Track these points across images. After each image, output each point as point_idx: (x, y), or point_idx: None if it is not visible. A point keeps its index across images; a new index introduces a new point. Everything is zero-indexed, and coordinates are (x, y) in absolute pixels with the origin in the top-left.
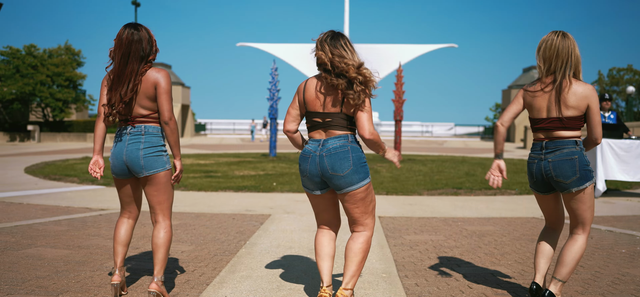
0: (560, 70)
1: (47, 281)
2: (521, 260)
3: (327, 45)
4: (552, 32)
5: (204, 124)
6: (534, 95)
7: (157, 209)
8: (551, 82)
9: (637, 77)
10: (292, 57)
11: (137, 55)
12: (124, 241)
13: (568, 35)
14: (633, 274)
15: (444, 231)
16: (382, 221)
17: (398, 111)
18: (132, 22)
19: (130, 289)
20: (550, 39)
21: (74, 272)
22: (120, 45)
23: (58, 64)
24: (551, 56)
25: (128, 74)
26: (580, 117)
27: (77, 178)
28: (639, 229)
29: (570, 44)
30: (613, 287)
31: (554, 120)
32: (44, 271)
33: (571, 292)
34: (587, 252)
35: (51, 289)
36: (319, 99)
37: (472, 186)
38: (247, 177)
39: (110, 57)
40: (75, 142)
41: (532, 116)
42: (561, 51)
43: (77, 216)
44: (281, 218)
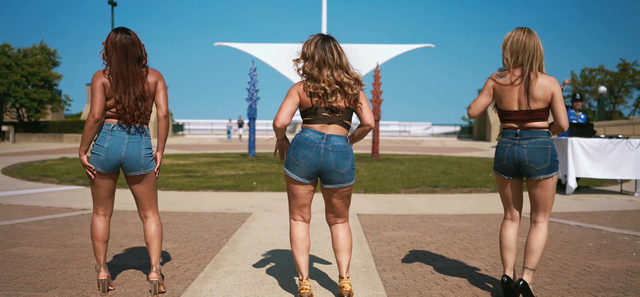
0: (528, 64)
1: (34, 278)
2: (494, 254)
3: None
4: (518, 29)
5: (182, 124)
6: (503, 89)
7: (147, 205)
8: (520, 75)
9: (609, 77)
10: (270, 57)
11: (134, 57)
12: (105, 237)
13: (533, 32)
14: (598, 265)
15: (421, 227)
16: (360, 218)
17: (376, 111)
18: (121, 26)
19: (116, 284)
20: (516, 35)
21: (61, 270)
22: (115, 49)
23: (33, 64)
24: (518, 50)
25: (132, 76)
26: (547, 108)
27: (56, 179)
28: (606, 224)
29: (535, 39)
30: (579, 278)
31: (525, 112)
32: (31, 269)
33: (540, 282)
34: (556, 245)
35: (39, 286)
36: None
37: (448, 185)
38: (227, 176)
39: (103, 59)
40: (52, 143)
41: (503, 108)
42: (528, 45)
43: (59, 215)
44: (262, 216)
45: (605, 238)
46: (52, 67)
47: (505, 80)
